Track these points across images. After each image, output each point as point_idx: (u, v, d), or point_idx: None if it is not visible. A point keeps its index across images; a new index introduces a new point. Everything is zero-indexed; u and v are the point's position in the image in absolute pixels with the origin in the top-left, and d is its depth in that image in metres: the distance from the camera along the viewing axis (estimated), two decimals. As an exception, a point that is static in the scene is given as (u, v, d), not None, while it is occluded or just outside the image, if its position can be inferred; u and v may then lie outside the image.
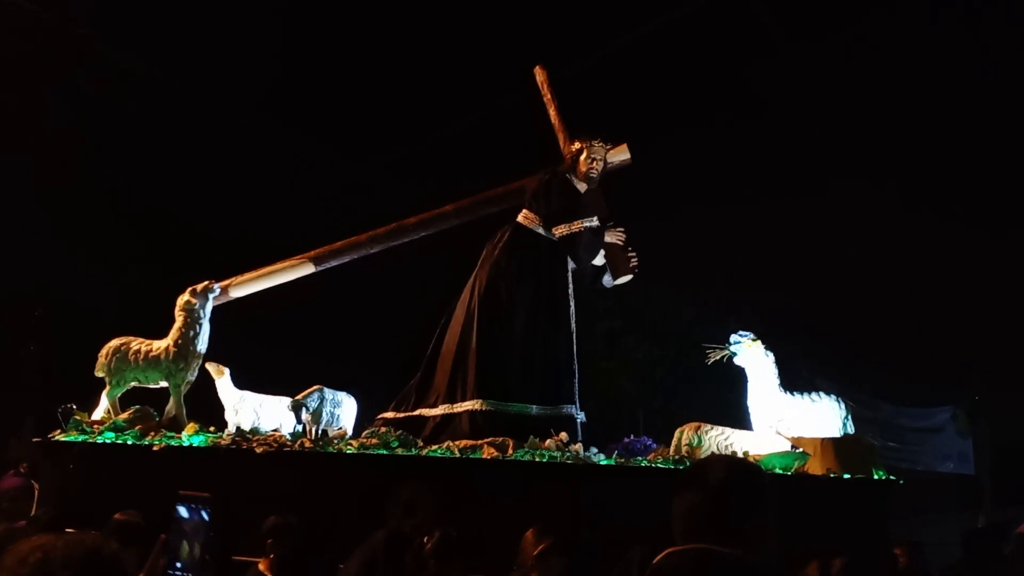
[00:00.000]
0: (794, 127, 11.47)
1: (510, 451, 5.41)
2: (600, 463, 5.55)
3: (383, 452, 5.58)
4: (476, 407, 5.94)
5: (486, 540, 3.89)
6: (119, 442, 5.81)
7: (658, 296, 12.58)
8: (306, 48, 10.79)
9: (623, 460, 5.63)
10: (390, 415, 6.28)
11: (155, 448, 5.66)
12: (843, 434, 5.67)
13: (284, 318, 9.80)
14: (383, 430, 5.84)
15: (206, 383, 6.51)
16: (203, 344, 6.41)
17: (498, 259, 6.39)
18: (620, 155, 6.75)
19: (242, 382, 6.61)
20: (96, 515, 4.17)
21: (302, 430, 6.07)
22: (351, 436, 6.08)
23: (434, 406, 6.15)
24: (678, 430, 5.81)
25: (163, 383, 6.34)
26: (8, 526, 4.30)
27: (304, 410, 6.05)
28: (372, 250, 7.25)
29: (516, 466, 5.32)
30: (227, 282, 6.86)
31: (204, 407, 6.47)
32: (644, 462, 5.58)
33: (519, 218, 6.54)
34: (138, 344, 6.31)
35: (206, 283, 6.49)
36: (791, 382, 6.01)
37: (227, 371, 6.54)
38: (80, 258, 10.55)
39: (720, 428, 5.77)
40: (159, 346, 6.31)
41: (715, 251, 12.21)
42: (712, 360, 6.00)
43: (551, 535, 3.85)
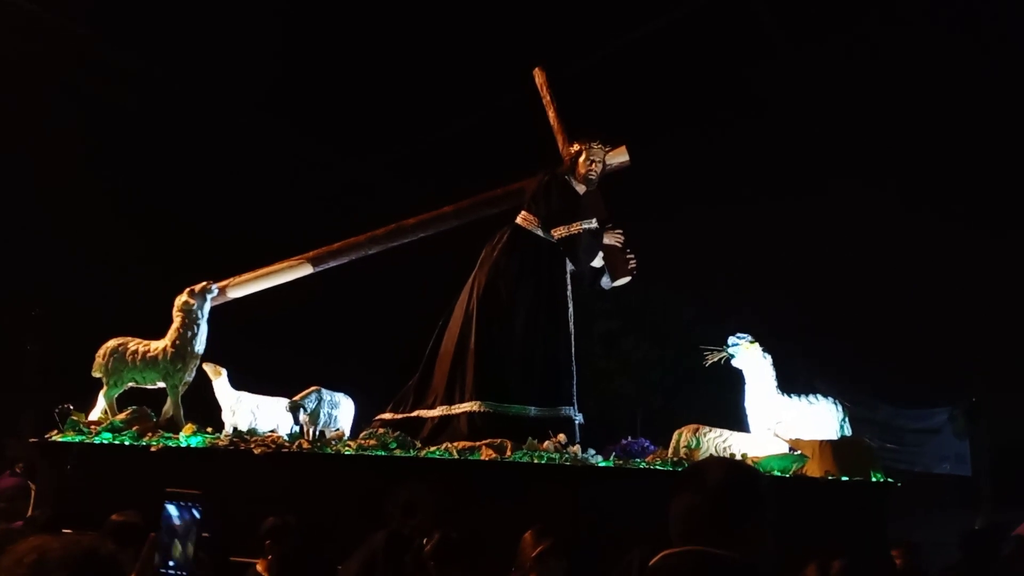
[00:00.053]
0: (794, 127, 11.45)
1: (508, 453, 5.41)
2: (599, 465, 5.55)
3: (381, 453, 5.58)
4: (474, 408, 5.92)
5: (485, 542, 3.88)
6: (116, 443, 5.81)
7: (658, 296, 12.56)
8: (306, 48, 10.77)
9: (621, 462, 5.63)
10: (388, 416, 6.26)
11: (153, 449, 5.66)
12: (841, 436, 5.66)
13: (282, 319, 9.80)
14: (381, 431, 5.84)
15: (203, 384, 6.51)
16: (201, 345, 6.41)
17: (497, 260, 6.38)
18: (619, 157, 6.75)
19: (240, 383, 6.60)
20: (93, 516, 4.15)
21: (299, 431, 6.07)
22: (348, 437, 6.07)
23: (432, 407, 6.14)
24: (676, 432, 5.80)
25: (161, 384, 6.34)
26: (5, 527, 4.29)
27: (302, 411, 6.05)
28: (371, 251, 7.25)
29: (515, 468, 5.31)
30: (225, 283, 6.86)
31: (201, 408, 6.47)
32: (643, 464, 5.57)
33: (518, 219, 6.53)
34: (136, 344, 6.31)
35: (204, 284, 6.49)
36: (790, 383, 5.99)
37: (224, 372, 6.54)
38: (80, 258, 10.53)
39: (718, 430, 5.76)
40: (157, 347, 6.31)
41: (715, 251, 12.18)
42: (710, 362, 5.99)
43: (550, 537, 3.85)
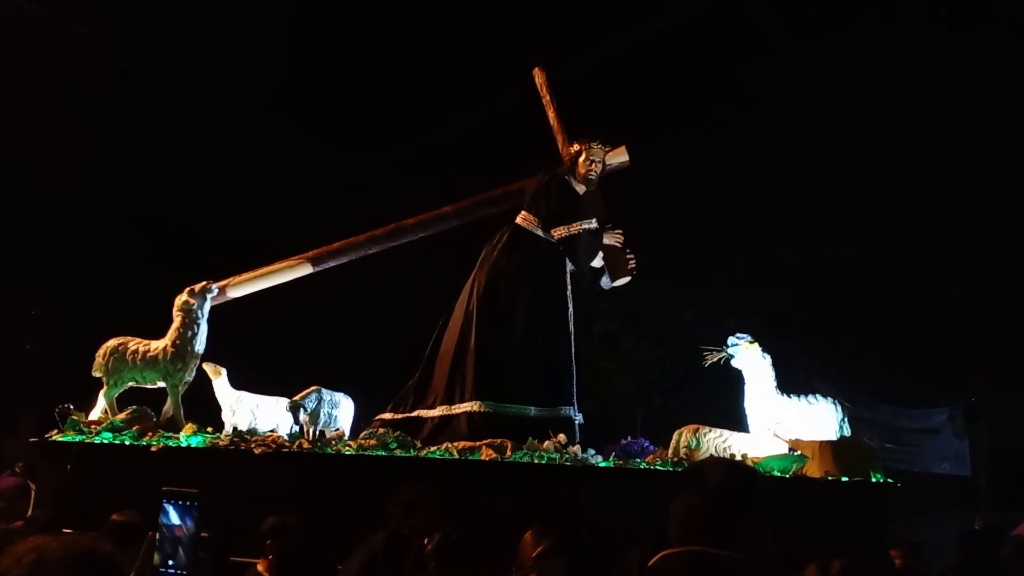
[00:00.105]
0: (794, 127, 11.44)
1: (509, 453, 5.41)
2: (599, 465, 5.55)
3: (382, 453, 5.58)
4: (475, 408, 5.92)
5: (485, 542, 3.88)
6: (117, 442, 5.81)
7: (657, 296, 12.55)
8: (306, 48, 10.76)
9: (621, 462, 5.63)
10: (388, 416, 6.26)
11: (153, 448, 5.66)
12: (840, 437, 5.66)
13: (282, 319, 9.80)
14: (381, 431, 5.84)
15: (203, 384, 6.51)
16: (201, 344, 6.41)
17: (497, 260, 6.38)
18: (619, 157, 6.76)
19: (240, 382, 6.60)
20: (94, 516, 4.16)
21: (299, 431, 6.07)
22: (348, 437, 6.07)
23: (432, 407, 6.14)
24: (676, 432, 5.80)
25: (161, 383, 6.34)
26: (4, 527, 4.29)
27: (302, 411, 6.05)
28: (371, 251, 7.25)
29: (515, 468, 5.32)
30: (225, 282, 6.86)
31: (201, 407, 6.47)
32: (643, 464, 5.57)
33: (518, 219, 6.53)
34: (136, 344, 6.31)
35: (204, 283, 6.49)
36: (789, 383, 5.99)
37: (224, 371, 6.54)
38: (80, 258, 10.52)
39: (718, 430, 5.76)
40: (157, 346, 6.31)
41: (715, 251, 12.17)
42: (709, 362, 5.99)
43: (550, 536, 3.85)
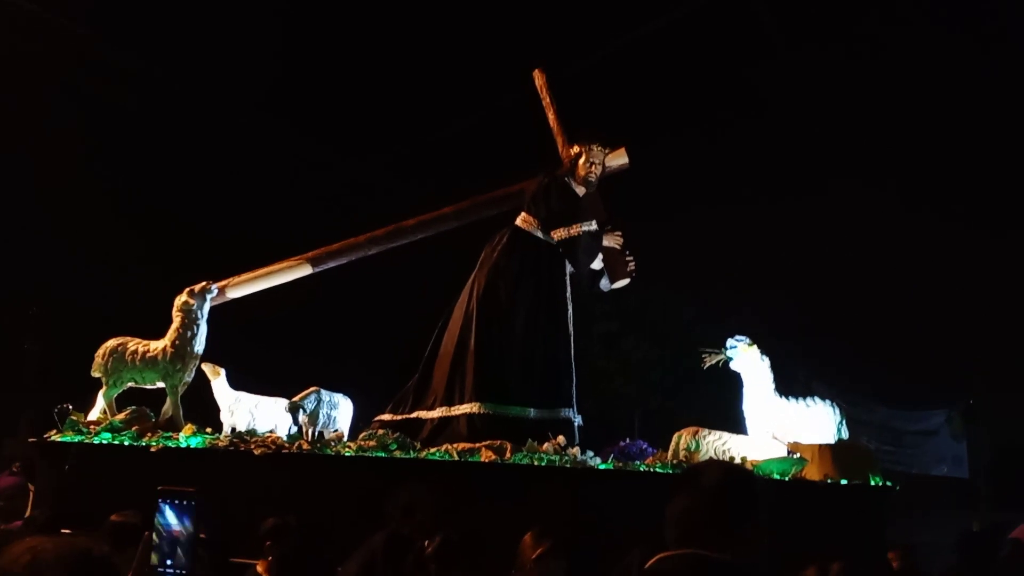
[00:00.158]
0: (794, 127, 11.46)
1: (508, 454, 5.40)
2: (598, 467, 5.55)
3: (381, 454, 5.58)
4: (474, 410, 5.92)
5: (485, 543, 3.88)
6: (116, 443, 5.81)
7: (657, 297, 12.55)
8: (306, 48, 10.77)
9: (620, 464, 5.63)
10: (387, 417, 6.25)
11: (152, 449, 5.66)
12: (838, 439, 5.65)
13: (282, 319, 9.80)
14: (380, 432, 5.84)
15: (203, 384, 6.51)
16: (200, 345, 6.40)
17: (497, 261, 6.37)
18: (618, 159, 6.76)
19: (239, 383, 6.61)
20: (93, 516, 4.15)
21: (298, 432, 6.07)
22: (348, 438, 6.07)
23: (432, 408, 6.13)
24: (676, 435, 5.79)
25: (160, 384, 6.34)
26: (3, 527, 4.30)
27: (301, 412, 6.05)
28: (370, 251, 7.24)
29: (515, 469, 5.32)
30: (224, 283, 6.86)
31: (200, 408, 6.47)
32: (643, 466, 5.57)
33: (518, 221, 6.52)
34: (135, 344, 6.30)
35: (203, 284, 6.49)
36: (787, 385, 5.99)
37: (223, 372, 6.54)
38: (80, 258, 10.54)
39: (718, 433, 5.75)
40: (156, 347, 6.30)
41: (715, 251, 12.19)
42: (708, 364, 5.99)
43: (550, 538, 3.84)
